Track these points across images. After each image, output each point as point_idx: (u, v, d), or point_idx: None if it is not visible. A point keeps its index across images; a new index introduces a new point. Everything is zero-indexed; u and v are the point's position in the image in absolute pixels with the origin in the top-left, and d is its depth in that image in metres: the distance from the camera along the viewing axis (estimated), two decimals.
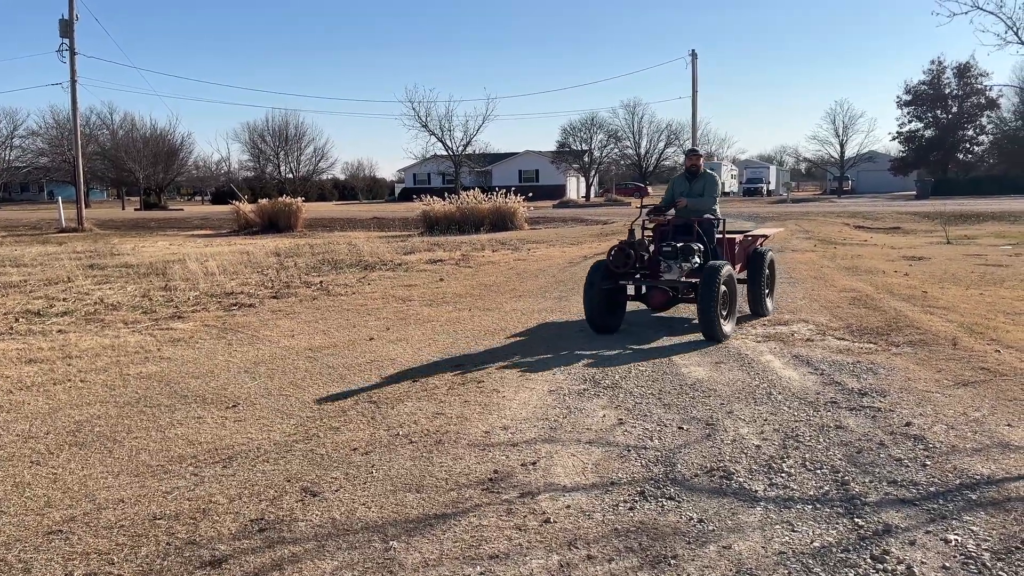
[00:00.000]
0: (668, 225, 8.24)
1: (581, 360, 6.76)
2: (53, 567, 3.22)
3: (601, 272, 7.78)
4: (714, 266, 7.32)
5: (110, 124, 71.76)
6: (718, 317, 7.16)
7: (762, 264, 8.50)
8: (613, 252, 7.76)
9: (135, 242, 22.84)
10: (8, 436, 5.02)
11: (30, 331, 8.51)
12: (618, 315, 8.06)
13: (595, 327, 7.81)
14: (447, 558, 3.21)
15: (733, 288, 7.55)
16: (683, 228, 8.11)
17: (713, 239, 8.12)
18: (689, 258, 7.63)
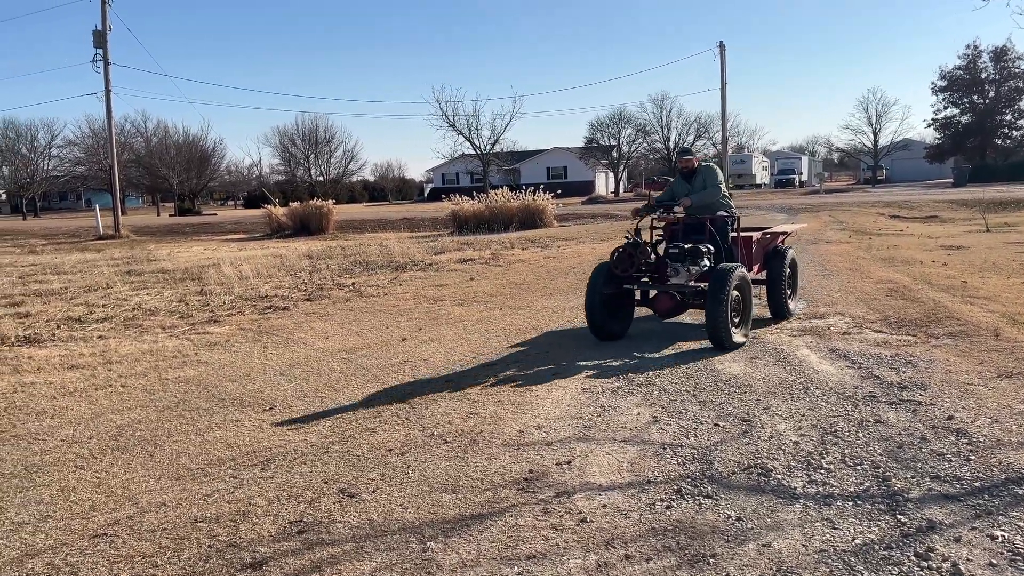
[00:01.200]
0: (678, 225, 7.70)
1: (614, 358, 6.73)
2: (99, 570, 3.29)
3: (604, 275, 7.29)
4: (724, 269, 6.76)
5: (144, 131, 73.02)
6: (728, 324, 6.62)
7: (782, 264, 7.95)
8: (616, 254, 7.27)
9: (171, 247, 23.20)
10: (53, 441, 5.13)
11: (71, 337, 8.68)
12: (623, 321, 7.55)
13: (597, 334, 7.34)
14: (484, 558, 3.21)
15: (747, 293, 7.02)
16: (694, 227, 7.57)
17: (727, 238, 7.58)
18: (698, 260, 7.08)
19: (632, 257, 7.15)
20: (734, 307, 6.78)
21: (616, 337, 7.42)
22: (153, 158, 66.82)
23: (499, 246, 18.29)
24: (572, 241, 19.45)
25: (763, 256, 8.20)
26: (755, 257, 8.00)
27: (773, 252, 8.20)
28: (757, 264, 8.06)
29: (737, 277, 6.73)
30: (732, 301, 6.69)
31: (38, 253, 23.00)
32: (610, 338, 7.36)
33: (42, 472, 4.55)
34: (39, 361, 7.53)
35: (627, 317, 7.61)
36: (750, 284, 7.14)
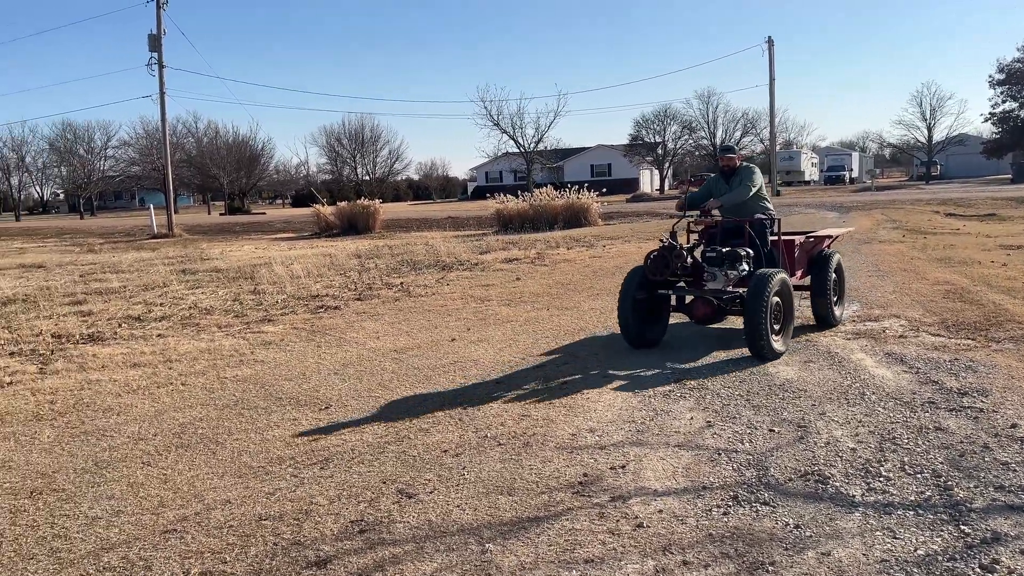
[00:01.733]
0: (716, 228, 7.43)
1: (664, 361, 6.71)
2: (171, 565, 3.41)
3: (637, 280, 7.08)
4: (764, 274, 6.47)
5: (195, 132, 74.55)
6: (767, 332, 6.35)
7: (827, 269, 7.61)
8: (650, 258, 7.00)
9: (222, 246, 23.71)
10: (120, 438, 5.31)
11: (132, 335, 8.95)
12: (658, 328, 7.31)
13: (631, 341, 7.10)
14: (543, 562, 3.26)
15: (788, 299, 6.73)
16: (733, 231, 7.29)
17: (767, 241, 7.26)
18: (736, 265, 6.78)
19: (667, 261, 6.88)
20: (774, 314, 6.51)
21: (651, 344, 7.21)
22: (204, 158, 68.28)
23: (544, 245, 18.32)
24: (618, 240, 19.38)
25: (807, 261, 7.86)
26: (798, 262, 7.68)
27: (818, 256, 7.87)
28: (800, 269, 7.74)
29: (777, 282, 6.47)
30: (772, 308, 6.43)
31: (96, 252, 23.70)
32: (645, 345, 7.15)
33: (111, 468, 4.72)
34: (103, 359, 7.79)
35: (662, 324, 7.38)
36: (791, 290, 6.84)
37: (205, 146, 71.64)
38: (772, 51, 43.83)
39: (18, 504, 4.24)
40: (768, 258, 7.20)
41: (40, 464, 4.88)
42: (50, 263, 19.49)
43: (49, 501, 4.25)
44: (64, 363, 7.66)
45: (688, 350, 7.09)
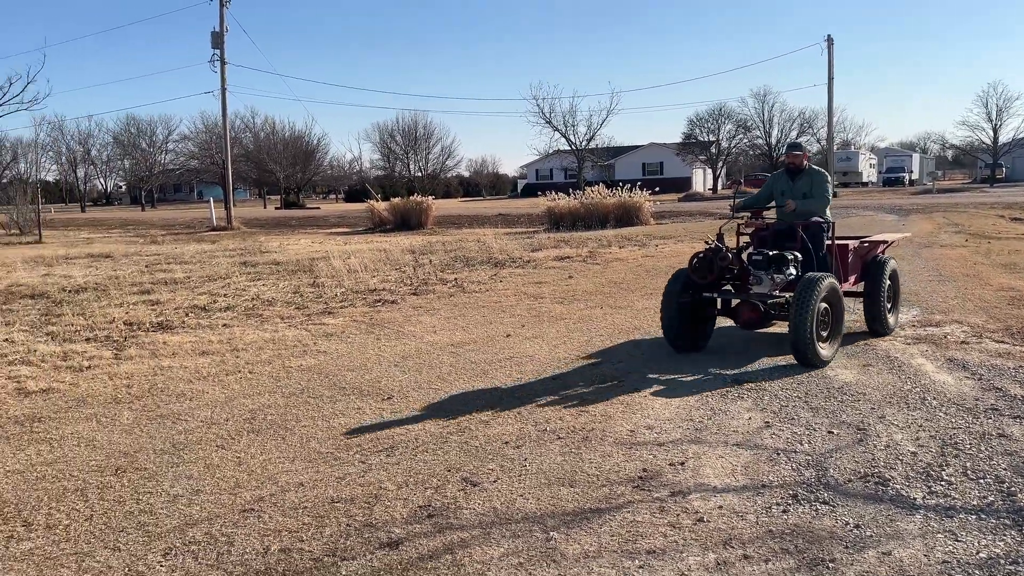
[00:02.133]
0: (767, 230, 7.23)
1: (721, 362, 6.74)
2: (252, 541, 3.61)
3: (681, 282, 6.93)
4: (811, 278, 6.29)
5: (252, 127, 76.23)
6: (813, 339, 6.18)
7: (881, 275, 7.37)
8: (696, 260, 6.86)
9: (280, 240, 24.25)
10: (194, 422, 5.57)
11: (199, 325, 9.29)
12: (703, 332, 7.17)
13: (674, 344, 6.98)
14: (606, 551, 3.36)
15: (837, 305, 6.54)
16: (785, 233, 7.11)
17: (821, 246, 7.10)
18: (783, 268, 6.60)
19: (711, 263, 6.74)
20: (821, 320, 6.35)
21: (696, 348, 7.09)
22: (261, 153, 69.75)
23: (596, 244, 18.35)
24: (670, 239, 19.31)
25: (861, 266, 7.65)
26: (851, 267, 7.48)
27: (872, 262, 7.63)
28: (854, 275, 7.56)
29: (826, 287, 6.29)
30: (819, 313, 6.27)
31: (159, 243, 24.45)
32: (689, 349, 7.03)
33: (188, 450, 4.97)
34: (173, 346, 8.11)
35: (708, 327, 7.24)
36: (841, 296, 6.66)
37: (262, 141, 73.19)
38: (831, 50, 43.03)
39: (104, 481, 4.50)
40: (821, 263, 7.02)
41: (122, 444, 5.15)
42: (116, 253, 20.18)
43: (133, 479, 4.50)
44: (137, 349, 8.00)
45: (742, 354, 7.10)
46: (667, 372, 6.43)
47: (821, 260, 7.05)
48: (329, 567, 3.33)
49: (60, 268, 16.49)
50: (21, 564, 3.49)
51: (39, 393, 6.44)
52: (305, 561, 3.39)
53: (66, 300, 11.43)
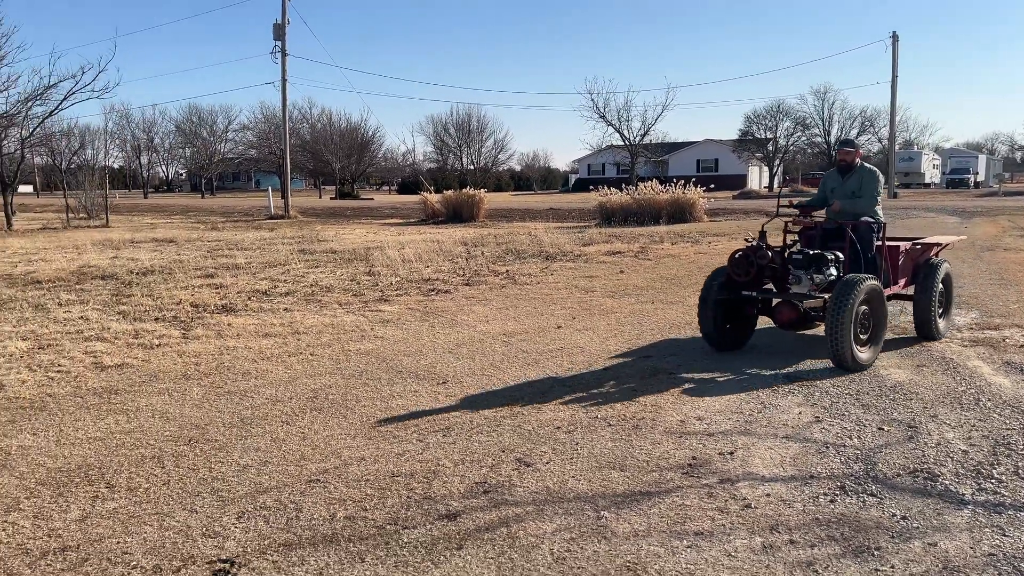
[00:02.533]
0: (816, 229, 7.12)
1: (773, 358, 6.79)
2: (318, 509, 3.83)
3: (720, 280, 6.85)
4: (850, 280, 6.13)
5: (309, 118, 77.57)
6: (850, 341, 6.04)
7: (932, 278, 7.13)
8: (734, 257, 6.77)
9: (336, 229, 24.75)
10: (259, 398, 5.84)
11: (261, 308, 9.64)
12: (742, 331, 7.10)
13: (710, 342, 6.95)
14: (655, 531, 3.49)
15: (879, 308, 6.35)
16: (834, 233, 7.00)
17: (871, 247, 6.94)
18: (822, 268, 6.46)
19: (750, 261, 6.63)
20: (861, 322, 6.19)
21: (735, 348, 7.05)
22: (318, 143, 70.95)
23: (647, 239, 18.34)
24: (723, 237, 19.19)
25: (912, 269, 7.44)
26: (901, 270, 7.29)
27: (924, 265, 7.39)
28: (904, 278, 7.37)
29: (866, 289, 6.12)
30: (859, 316, 6.12)
31: (219, 230, 25.16)
32: (727, 348, 6.98)
33: (255, 424, 5.23)
34: (237, 328, 8.45)
35: (748, 327, 7.15)
36: (883, 298, 6.43)
37: (319, 132, 74.41)
38: (896, 47, 42.06)
39: (178, 450, 4.78)
40: (869, 264, 6.89)
41: (193, 417, 5.44)
42: (179, 238, 20.87)
43: (205, 450, 4.77)
44: (203, 330, 8.35)
45: (793, 352, 7.11)
46: (718, 367, 6.50)
47: (870, 261, 6.91)
48: (391, 534, 3.53)
49: (127, 251, 17.15)
50: (107, 521, 3.76)
51: (114, 368, 6.81)
52: (368, 528, 3.60)
53: (134, 282, 11.93)
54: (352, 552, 3.37)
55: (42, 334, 8.08)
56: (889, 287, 6.96)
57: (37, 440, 5.00)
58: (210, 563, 3.31)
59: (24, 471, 4.46)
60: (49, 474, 4.41)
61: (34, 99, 26.98)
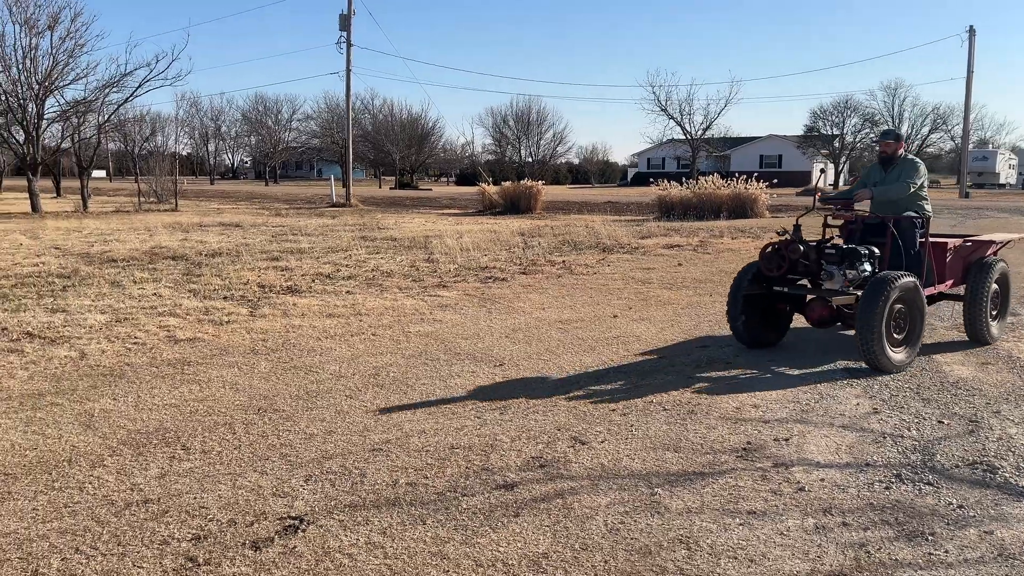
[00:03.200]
0: (857, 223, 6.83)
1: (831, 349, 6.74)
2: (381, 475, 4.00)
3: (751, 275, 6.59)
4: (883, 277, 5.85)
5: (371, 108, 78.60)
6: (882, 340, 5.75)
7: (984, 278, 6.75)
8: (765, 252, 6.49)
9: (395, 218, 25.15)
10: (323, 374, 6.06)
11: (324, 291, 9.92)
12: (775, 327, 6.85)
13: (740, 338, 6.72)
14: (708, 508, 3.56)
15: (917, 307, 6.04)
16: (875, 228, 6.67)
17: (914, 242, 6.56)
18: (856, 264, 6.10)
19: (782, 255, 6.34)
20: (895, 322, 5.91)
21: (766, 344, 6.81)
22: (379, 134, 71.89)
23: (707, 234, 18.20)
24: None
25: (962, 268, 7.04)
26: (950, 268, 6.90)
27: (976, 264, 6.98)
28: (953, 277, 6.98)
29: (901, 287, 5.81)
30: (892, 315, 5.84)
31: (283, 216, 25.78)
32: (758, 345, 6.76)
33: (319, 397, 5.44)
34: (302, 308, 8.73)
35: (783, 323, 6.90)
36: (922, 297, 6.11)
37: (380, 122, 75.37)
38: (973, 41, 40.65)
39: (248, 418, 5.01)
40: (912, 261, 6.50)
41: (261, 389, 5.68)
42: (245, 223, 21.48)
43: (273, 418, 4.99)
44: (269, 309, 8.65)
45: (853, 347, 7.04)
46: (775, 358, 6.48)
47: (913, 258, 6.53)
48: (451, 500, 3.67)
49: (196, 234, 17.74)
50: (184, 479, 3.99)
51: (187, 341, 7.12)
52: (429, 494, 3.75)
53: (204, 263, 12.37)
54: (414, 515, 3.53)
55: (119, 308, 8.48)
56: (935, 286, 6.68)
57: (117, 404, 5.30)
58: (280, 519, 3.50)
59: (107, 432, 4.74)
60: (129, 435, 4.68)
61: (111, 86, 28.12)
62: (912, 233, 6.60)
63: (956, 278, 7.01)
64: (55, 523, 3.47)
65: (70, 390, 5.61)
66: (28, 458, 4.29)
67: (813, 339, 7.16)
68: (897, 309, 5.91)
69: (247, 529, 3.41)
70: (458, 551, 3.20)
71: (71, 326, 7.55)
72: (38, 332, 7.28)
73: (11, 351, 6.63)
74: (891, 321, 5.89)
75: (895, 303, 5.85)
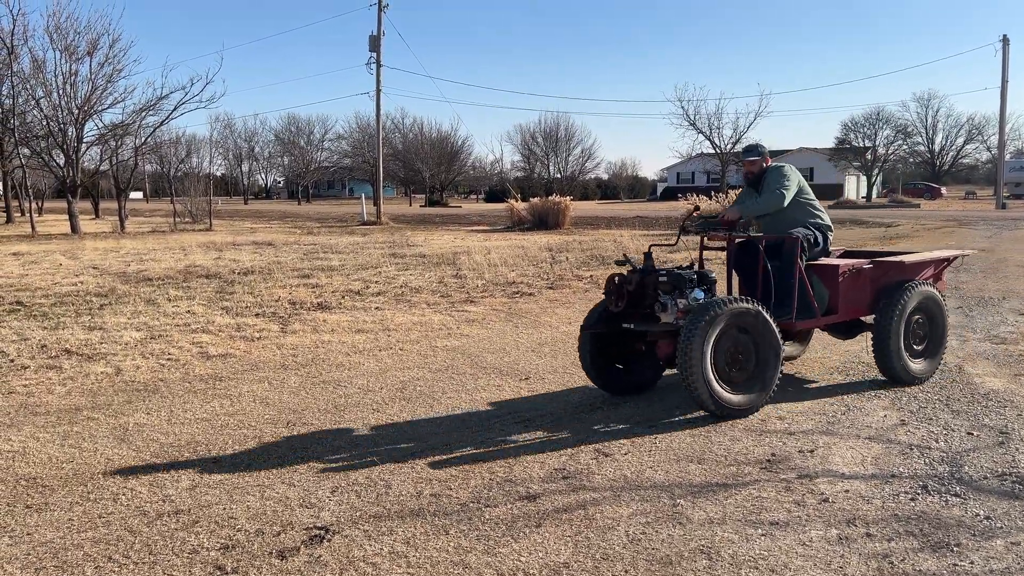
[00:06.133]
0: (731, 245, 6.00)
1: (859, 361, 6.68)
2: (406, 486, 4.05)
3: (599, 311, 5.67)
4: (708, 303, 4.97)
5: (402, 128, 79.43)
6: (707, 379, 4.84)
7: (894, 306, 5.67)
8: (609, 285, 5.56)
9: (425, 235, 25.35)
10: (352, 388, 6.14)
11: (354, 307, 10.04)
12: (640, 371, 5.79)
13: (594, 381, 5.73)
14: (730, 519, 3.56)
15: (764, 339, 5.08)
16: (748, 249, 5.93)
17: (793, 264, 5.54)
18: (686, 291, 5.24)
19: (621, 288, 5.42)
20: (728, 358, 5.00)
21: (630, 391, 5.74)
22: (409, 152, 72.58)
23: None
24: None
25: (873, 293, 5.90)
26: (849, 293, 5.77)
27: (891, 288, 5.85)
28: (861, 304, 5.88)
29: (727, 316, 4.91)
30: (716, 352, 4.92)
31: (315, 234, 26.11)
32: (618, 391, 5.71)
33: (347, 411, 5.52)
34: (332, 324, 8.85)
35: (647, 366, 5.78)
36: (770, 328, 5.10)
37: (410, 141, 76.10)
38: (1007, 50, 40.15)
39: (277, 431, 5.11)
40: (788, 286, 5.53)
41: (291, 403, 5.78)
42: (277, 241, 21.79)
43: (301, 432, 5.08)
44: (300, 325, 8.78)
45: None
46: (804, 369, 6.44)
47: (788, 282, 5.55)
48: (474, 511, 3.71)
49: (229, 253, 18.04)
50: (214, 491, 4.08)
51: (219, 357, 7.26)
52: (453, 505, 3.79)
53: (236, 280, 12.59)
54: (437, 525, 3.57)
55: (153, 326, 8.67)
56: (838, 314, 5.74)
57: (151, 418, 5.42)
58: (307, 529, 3.56)
59: (140, 445, 4.86)
60: (162, 448, 4.79)
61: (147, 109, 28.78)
62: (791, 253, 5.60)
63: (868, 304, 5.92)
64: (90, 532, 3.57)
65: (106, 405, 5.76)
66: (65, 470, 4.41)
67: (841, 350, 7.09)
68: (733, 341, 5.01)
69: (274, 539, 3.48)
70: (480, 560, 3.23)
71: (107, 343, 7.74)
72: (76, 349, 7.47)
73: (50, 367, 6.82)
74: (725, 356, 4.98)
75: (726, 334, 4.96)
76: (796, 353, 6.73)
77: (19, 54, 26.98)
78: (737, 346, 5.04)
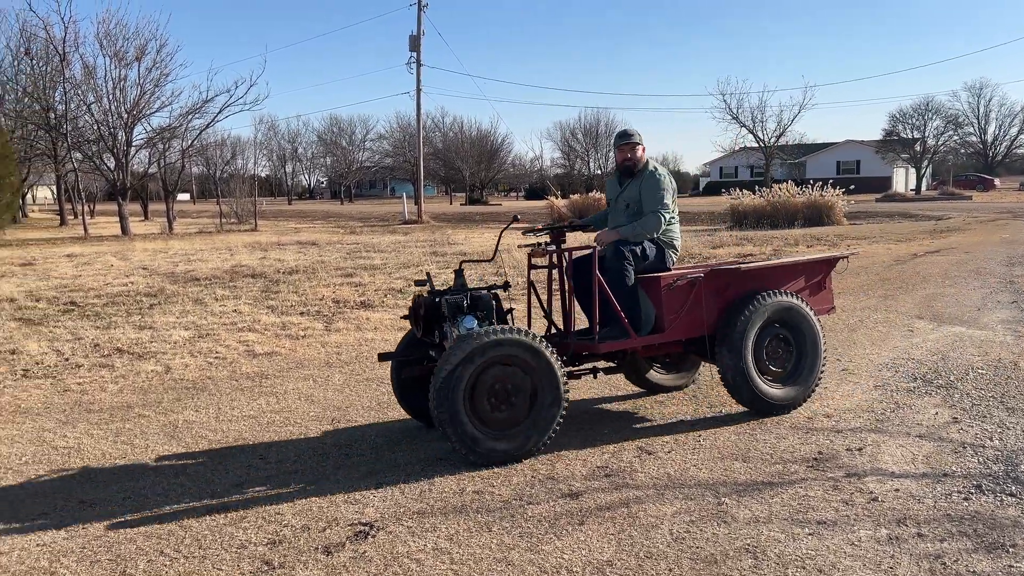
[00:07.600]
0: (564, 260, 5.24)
1: (910, 357, 6.52)
2: (449, 483, 4.08)
3: (408, 337, 5.25)
4: (468, 335, 4.33)
5: (442, 127, 79.84)
6: (464, 420, 4.23)
7: (735, 321, 4.92)
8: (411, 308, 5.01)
9: (465, 233, 25.44)
10: None
11: (396, 305, 10.13)
12: None
13: (406, 410, 5.19)
14: (776, 518, 3.51)
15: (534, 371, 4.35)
16: (580, 263, 5.19)
17: (623, 277, 4.93)
18: (456, 317, 4.71)
19: (417, 313, 4.89)
20: (491, 394, 4.31)
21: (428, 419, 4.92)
22: (449, 151, 72.92)
23: (781, 242, 17.81)
24: (863, 240, 18.37)
25: (717, 309, 5.06)
26: (677, 308, 4.97)
27: (735, 302, 5.05)
28: (695, 323, 5.01)
29: (483, 348, 4.24)
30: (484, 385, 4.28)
31: (357, 233, 26.39)
32: (420, 418, 5.08)
33: (390, 408, 5.56)
34: (374, 322, 8.94)
35: None
36: (542, 358, 4.36)
37: (450, 140, 76.45)
38: None
39: (322, 428, 5.18)
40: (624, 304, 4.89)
41: (335, 400, 5.86)
42: (321, 241, 22.06)
43: (346, 429, 5.14)
44: (344, 323, 8.89)
45: (936, 353, 6.80)
46: (852, 366, 6.32)
47: (624, 299, 4.92)
48: (517, 508, 3.71)
49: (274, 253, 18.32)
50: (261, 486, 4.15)
51: (265, 355, 7.38)
52: (495, 502, 3.80)
53: (281, 280, 12.78)
54: (480, 522, 3.58)
55: (201, 325, 8.85)
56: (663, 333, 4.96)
57: (199, 416, 5.54)
58: (351, 525, 3.60)
59: (189, 442, 4.96)
60: (210, 445, 4.89)
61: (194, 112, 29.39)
62: (619, 264, 4.96)
63: (707, 324, 5.04)
64: (141, 528, 3.66)
65: (156, 402, 5.90)
66: (117, 466, 4.53)
67: (890, 346, 6.94)
68: (494, 377, 4.32)
69: (320, 534, 3.52)
70: (523, 557, 3.23)
71: (157, 342, 7.92)
72: (127, 348, 7.66)
73: (103, 366, 7.00)
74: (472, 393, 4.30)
75: (488, 370, 4.29)
76: (679, 384, 5.80)
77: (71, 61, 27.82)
78: (499, 381, 4.33)
